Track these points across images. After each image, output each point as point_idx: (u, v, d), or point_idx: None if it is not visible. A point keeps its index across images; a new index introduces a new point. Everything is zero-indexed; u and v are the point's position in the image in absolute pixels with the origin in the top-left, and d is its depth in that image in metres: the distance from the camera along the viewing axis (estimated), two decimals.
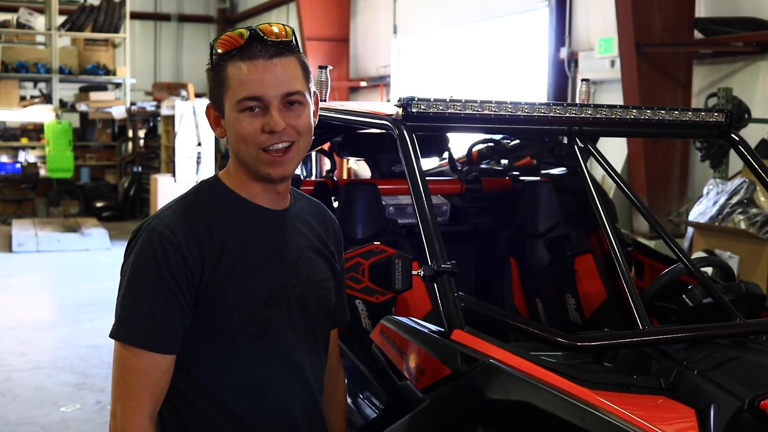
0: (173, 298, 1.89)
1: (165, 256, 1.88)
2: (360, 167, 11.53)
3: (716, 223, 5.90)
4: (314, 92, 2.03)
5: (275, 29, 1.94)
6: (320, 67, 3.56)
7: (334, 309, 2.19)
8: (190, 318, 1.92)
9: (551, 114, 2.82)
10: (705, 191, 6.33)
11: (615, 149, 7.51)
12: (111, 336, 1.91)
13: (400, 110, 2.65)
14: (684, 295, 2.99)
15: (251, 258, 1.96)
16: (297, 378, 2.04)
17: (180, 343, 1.92)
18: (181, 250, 1.89)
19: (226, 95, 1.94)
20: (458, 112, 2.68)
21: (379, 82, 14.22)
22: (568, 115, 2.84)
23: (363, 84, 14.73)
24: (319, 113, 2.09)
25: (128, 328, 1.89)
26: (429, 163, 5.11)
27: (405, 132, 2.61)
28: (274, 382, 2.00)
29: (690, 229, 6.40)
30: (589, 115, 2.87)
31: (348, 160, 11.24)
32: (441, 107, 2.65)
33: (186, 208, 1.97)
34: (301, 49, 2.00)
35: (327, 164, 4.42)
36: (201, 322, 1.93)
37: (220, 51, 1.94)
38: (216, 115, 2.00)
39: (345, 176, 11.48)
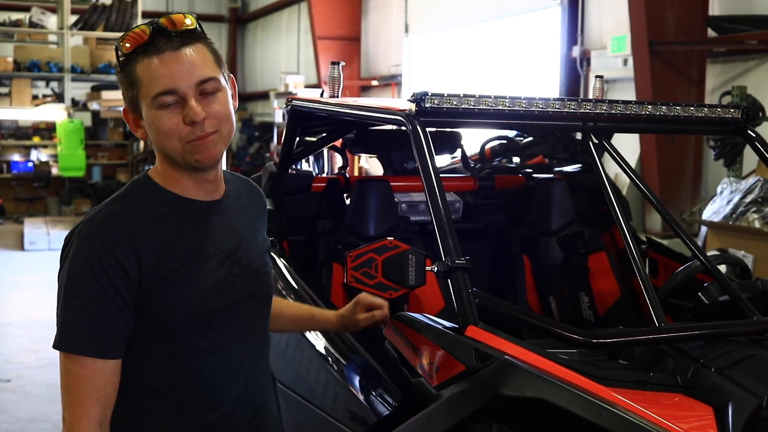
0: (112, 302, 1.86)
1: (99, 262, 1.85)
2: (371, 165, 11.51)
3: (730, 222, 5.86)
4: (230, 76, 2.00)
5: (180, 19, 1.90)
6: (332, 63, 3.53)
7: None
8: (133, 320, 1.90)
9: (565, 109, 2.80)
10: (719, 190, 6.30)
11: (628, 148, 7.47)
12: (54, 347, 1.90)
13: (413, 105, 2.63)
14: (700, 293, 2.96)
15: (189, 254, 1.94)
16: (243, 369, 2.05)
17: (124, 346, 1.90)
18: (115, 254, 1.85)
19: (140, 94, 1.89)
20: (472, 107, 2.66)
21: (391, 81, 14.21)
22: (582, 110, 2.82)
23: (374, 83, 14.71)
24: (331, 109, 2.07)
25: (69, 337, 1.87)
26: (441, 160, 5.08)
27: (418, 127, 2.59)
28: (219, 374, 2.01)
29: (703, 228, 6.36)
30: (603, 111, 2.84)
31: (359, 158, 11.23)
32: (455, 102, 2.63)
33: (117, 210, 1.92)
34: (207, 35, 1.97)
35: (338, 161, 4.41)
36: (144, 322, 1.92)
37: (126, 50, 1.89)
38: (134, 117, 1.96)
39: (356, 174, 11.46)
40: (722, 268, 3.37)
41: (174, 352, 1.96)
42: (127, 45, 1.89)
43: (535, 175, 4.22)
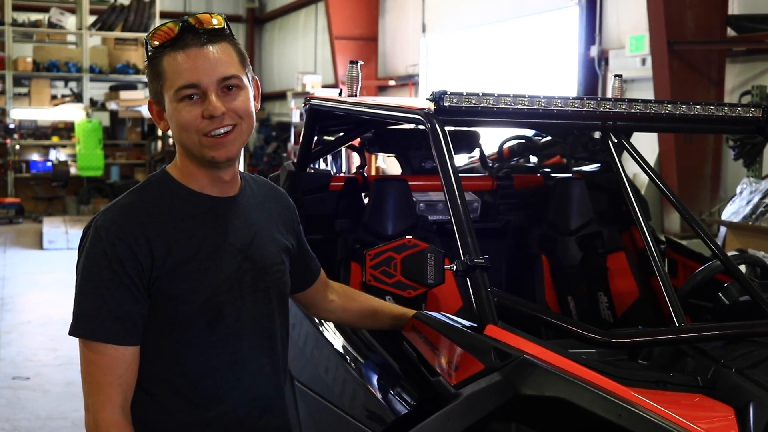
0: (127, 291, 1.92)
1: (114, 251, 1.92)
2: (388, 165, 11.51)
3: (750, 223, 5.83)
4: (253, 77, 2.06)
5: (207, 18, 1.98)
6: (351, 63, 3.53)
7: (304, 273, 2.37)
8: (147, 309, 1.96)
9: (585, 108, 2.78)
10: (738, 190, 6.27)
11: (646, 148, 7.44)
12: (70, 333, 1.95)
13: (432, 104, 2.62)
14: (720, 293, 2.95)
15: (201, 248, 1.99)
16: (250, 365, 2.08)
17: (141, 334, 1.96)
18: (129, 244, 1.92)
19: (164, 87, 1.96)
20: (491, 106, 2.65)
21: (408, 81, 14.21)
22: (601, 109, 2.80)
23: (391, 83, 14.72)
24: (350, 108, 2.10)
25: (86, 324, 1.92)
26: (459, 160, 5.07)
27: (437, 126, 2.58)
28: (228, 367, 2.05)
29: (723, 229, 6.33)
30: (623, 110, 2.82)
31: (376, 158, 11.23)
32: (473, 101, 2.62)
33: (133, 202, 2.00)
34: (244, 39, 2.02)
35: (356, 160, 4.41)
36: (154, 312, 1.97)
37: (154, 44, 1.97)
38: (158, 109, 2.03)
39: (373, 174, 11.47)
40: (742, 268, 3.34)
41: (182, 344, 2.00)
42: (156, 41, 1.96)
43: (553, 175, 4.21)
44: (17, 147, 15.98)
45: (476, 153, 4.40)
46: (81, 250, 1.99)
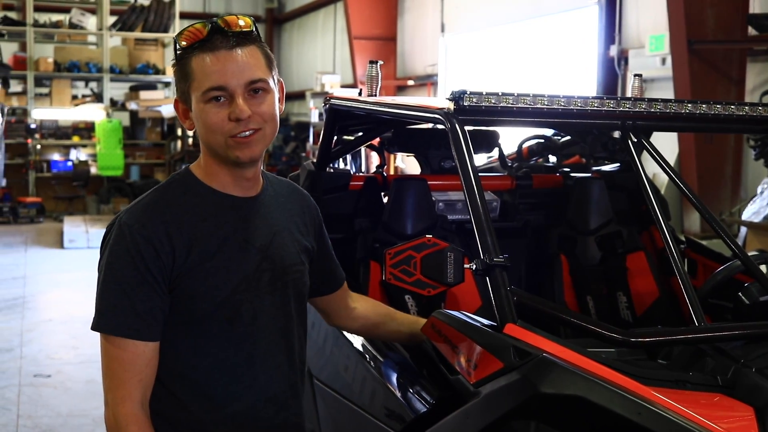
0: (149, 287, 1.96)
1: (137, 248, 1.95)
2: (407, 165, 11.51)
3: None
4: (279, 80, 2.09)
5: (235, 21, 2.00)
6: (371, 62, 3.54)
7: (325, 277, 2.38)
8: (167, 305, 1.99)
9: (604, 108, 2.78)
10: (759, 190, 6.24)
11: (666, 147, 7.41)
12: (92, 328, 1.98)
13: (452, 104, 2.62)
14: (740, 293, 2.94)
15: (221, 246, 2.03)
16: (267, 362, 2.10)
17: (161, 330, 1.99)
18: (151, 242, 1.96)
19: (192, 87, 1.99)
20: (510, 105, 2.65)
21: (427, 81, 14.21)
22: (621, 109, 2.79)
23: (410, 83, 14.72)
24: (369, 108, 2.11)
25: (108, 320, 1.96)
26: (477, 159, 5.07)
27: (457, 125, 2.59)
28: (245, 365, 2.07)
29: (743, 229, 6.30)
30: (642, 110, 2.81)
31: (395, 157, 11.23)
32: (493, 101, 2.62)
33: (156, 200, 2.03)
34: (264, 39, 2.04)
35: (375, 160, 4.41)
36: (174, 309, 2.00)
37: (183, 45, 1.99)
38: (184, 108, 2.06)
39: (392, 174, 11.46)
40: (762, 268, 3.33)
41: (200, 340, 2.03)
42: (184, 41, 1.99)
43: (573, 174, 4.20)
44: (38, 147, 16.10)
45: (495, 152, 4.40)
46: (104, 247, 2.02)
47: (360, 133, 4.01)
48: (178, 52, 2.01)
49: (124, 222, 1.99)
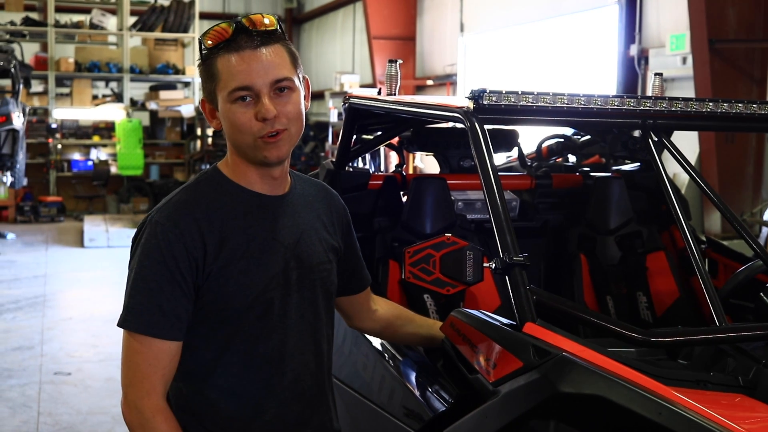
0: (178, 287, 1.97)
1: (169, 247, 1.97)
2: (425, 165, 11.50)
3: None
4: (304, 77, 2.10)
5: (260, 19, 2.00)
6: (390, 61, 3.54)
7: (351, 277, 2.37)
8: (193, 305, 2.00)
9: (624, 107, 2.76)
10: None
11: (686, 147, 7.37)
12: (119, 325, 2.00)
13: (471, 103, 2.62)
14: (762, 293, 2.91)
15: (251, 244, 2.04)
16: (297, 358, 2.11)
17: (185, 329, 2.00)
18: (183, 241, 1.97)
19: (218, 87, 2.00)
20: (530, 104, 2.64)
21: (446, 81, 14.19)
22: (641, 108, 2.78)
23: (429, 82, 14.70)
24: (389, 107, 2.12)
25: (135, 317, 1.97)
26: (497, 159, 5.06)
27: (476, 124, 2.58)
28: (275, 361, 2.08)
29: (765, 230, 6.26)
30: (663, 108, 2.80)
31: (413, 156, 11.22)
32: (513, 99, 2.61)
33: (187, 199, 2.04)
34: (287, 37, 2.06)
35: (394, 159, 4.41)
36: (205, 307, 2.01)
37: (208, 45, 2.00)
38: (210, 108, 2.07)
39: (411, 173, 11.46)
40: None
41: (229, 338, 2.04)
42: (210, 42, 2.00)
43: (592, 174, 4.18)
44: (59, 146, 16.21)
45: (515, 152, 4.39)
46: (135, 245, 2.04)
47: (379, 133, 4.01)
48: (203, 53, 2.02)
49: (156, 220, 2.00)
